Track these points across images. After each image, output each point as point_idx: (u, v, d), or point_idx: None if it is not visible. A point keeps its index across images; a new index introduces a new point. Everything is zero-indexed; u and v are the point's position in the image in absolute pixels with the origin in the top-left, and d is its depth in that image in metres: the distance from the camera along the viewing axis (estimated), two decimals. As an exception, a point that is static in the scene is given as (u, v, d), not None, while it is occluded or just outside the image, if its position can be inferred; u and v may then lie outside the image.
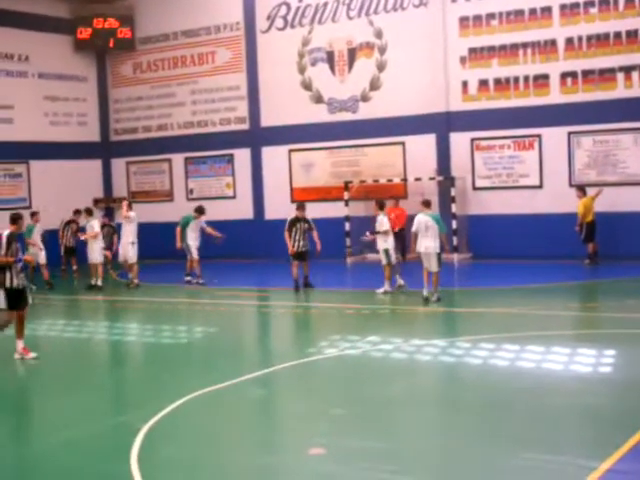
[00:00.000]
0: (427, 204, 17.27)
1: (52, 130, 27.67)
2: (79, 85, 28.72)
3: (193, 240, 20.73)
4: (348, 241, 24.20)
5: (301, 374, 11.82)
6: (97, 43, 28.58)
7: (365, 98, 25.26)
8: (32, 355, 12.93)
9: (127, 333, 15.65)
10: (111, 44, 28.63)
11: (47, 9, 27.50)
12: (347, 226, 24.28)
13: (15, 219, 13.35)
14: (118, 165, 29.47)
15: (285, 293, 18.83)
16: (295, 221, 18.93)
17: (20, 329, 12.98)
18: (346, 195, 24.51)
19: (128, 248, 20.64)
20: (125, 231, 20.95)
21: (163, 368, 12.79)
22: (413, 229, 17.00)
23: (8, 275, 12.78)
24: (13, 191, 26.59)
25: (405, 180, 24.31)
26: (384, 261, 17.93)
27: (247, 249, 20.94)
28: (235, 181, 27.22)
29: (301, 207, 19.29)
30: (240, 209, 25.45)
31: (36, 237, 21.09)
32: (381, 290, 17.76)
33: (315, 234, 18.84)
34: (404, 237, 22.29)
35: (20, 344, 12.99)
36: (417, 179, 23.92)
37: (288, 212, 23.96)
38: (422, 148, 24.18)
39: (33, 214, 21.49)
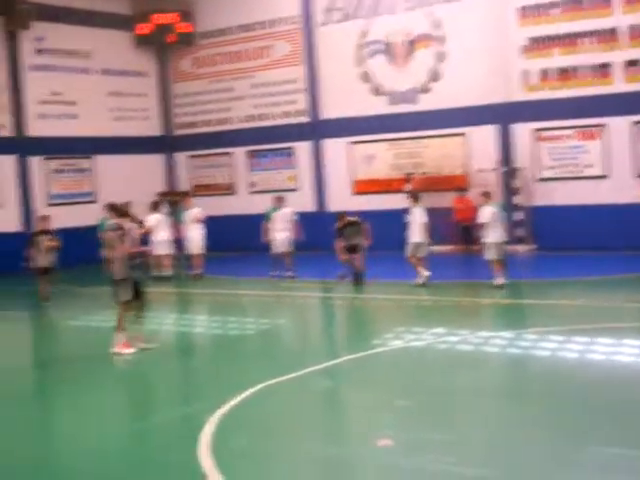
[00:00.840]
0: (489, 195, 17.73)
1: (116, 125, 28.03)
2: (141, 80, 29.06)
3: (277, 232, 20.52)
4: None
5: (367, 366, 11.84)
6: (157, 39, 28.84)
7: (425, 89, 25.14)
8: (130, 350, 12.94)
9: (194, 324, 15.83)
10: (171, 39, 28.87)
11: (108, 6, 27.84)
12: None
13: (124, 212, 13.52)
14: (181, 159, 29.76)
15: (348, 285, 18.86)
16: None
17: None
18: (407, 187, 24.43)
19: (194, 240, 20.81)
20: (191, 224, 21.19)
21: (230, 359, 12.93)
22: (485, 220, 17.22)
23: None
24: (79, 186, 27.00)
25: (467, 172, 24.17)
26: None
27: (310, 241, 21.05)
28: (297, 174, 27.33)
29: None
30: (302, 201, 25.51)
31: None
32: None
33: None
34: (469, 228, 22.25)
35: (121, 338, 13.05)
36: (479, 170, 23.77)
37: (350, 204, 24.08)
38: (483, 139, 23.98)
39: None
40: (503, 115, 23.75)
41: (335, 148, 26.51)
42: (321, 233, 23.82)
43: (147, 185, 28.07)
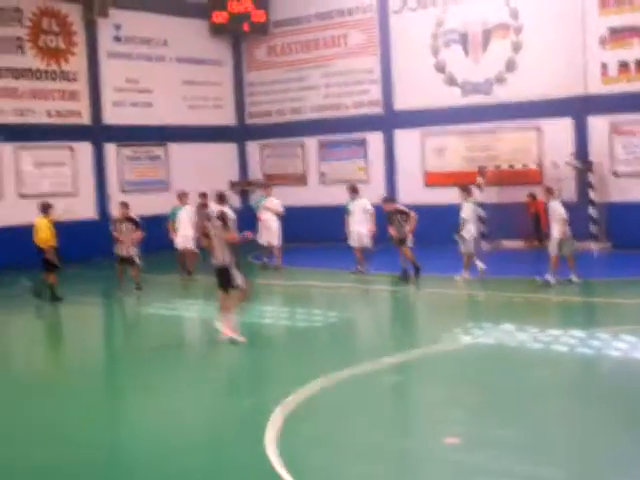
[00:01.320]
0: (552, 191, 17.66)
1: (189, 113, 28.28)
2: (215, 69, 29.25)
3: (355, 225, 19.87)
4: (483, 227, 23.85)
5: (434, 361, 11.79)
6: (232, 27, 28.99)
7: (500, 80, 24.80)
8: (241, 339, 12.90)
9: (264, 315, 15.90)
10: (246, 28, 28.98)
11: (184, -6, 28.17)
12: (481, 212, 23.93)
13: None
14: (253, 148, 29.90)
15: (416, 279, 18.73)
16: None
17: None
18: (480, 180, 24.18)
19: (272, 231, 20.77)
20: (267, 215, 21.13)
21: (298, 351, 12.98)
22: (565, 216, 16.98)
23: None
24: (153, 173, 27.36)
25: (541, 166, 23.80)
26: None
27: (381, 233, 20.86)
28: (368, 165, 27.26)
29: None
30: (373, 193, 25.37)
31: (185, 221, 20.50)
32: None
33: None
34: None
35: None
36: (554, 164, 23.32)
37: (421, 196, 23.92)
38: (559, 132, 23.56)
39: (181, 196, 21.12)
40: (579, 108, 23.29)
41: (407, 139, 26.33)
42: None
43: (219, 174, 28.32)
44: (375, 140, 27.06)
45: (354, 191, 20.25)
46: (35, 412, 9.99)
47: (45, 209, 17.40)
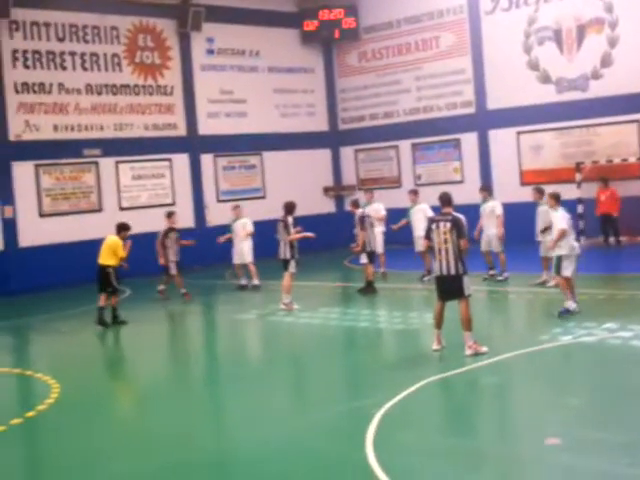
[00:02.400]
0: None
1: (283, 121, 28.56)
2: (307, 77, 29.47)
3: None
4: (581, 224, 23.43)
5: (534, 361, 11.59)
6: (323, 34, 29.19)
7: (596, 76, 24.32)
8: (483, 349, 11.81)
9: (359, 319, 15.90)
10: (336, 35, 29.14)
11: (275, 4, 28.39)
12: (580, 208, 23.50)
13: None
14: (347, 153, 29.99)
15: (514, 278, 18.47)
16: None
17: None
18: (578, 177, 23.74)
19: (377, 239, 20.19)
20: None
21: (394, 354, 12.95)
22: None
23: None
24: (248, 182, 27.67)
25: (641, 160, 23.26)
26: None
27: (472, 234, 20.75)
28: (462, 166, 27.04)
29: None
30: (468, 194, 25.12)
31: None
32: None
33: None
34: (614, 220, 21.48)
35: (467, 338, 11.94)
36: (655, 159, 22.80)
37: (517, 195, 23.59)
38: (659, 125, 23.01)
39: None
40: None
41: (502, 138, 26.05)
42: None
43: (313, 180, 28.51)
44: (469, 140, 26.84)
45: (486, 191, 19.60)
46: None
47: (120, 230, 16.77)
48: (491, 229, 18.68)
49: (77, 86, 24.07)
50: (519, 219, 18.79)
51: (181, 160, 26.10)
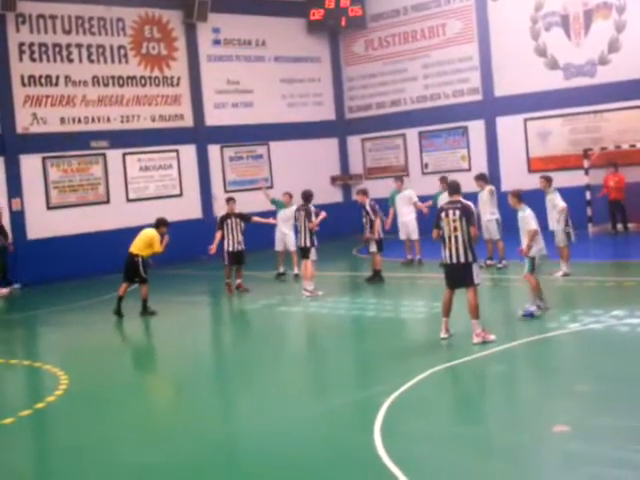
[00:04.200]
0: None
1: (289, 111, 28.53)
2: (313, 66, 29.41)
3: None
4: (589, 210, 23.37)
5: (542, 349, 11.59)
6: (330, 23, 29.11)
7: (603, 61, 24.21)
8: (491, 338, 11.76)
9: (367, 308, 15.90)
10: (343, 23, 29.06)
11: (280, -6, 28.41)
12: (588, 195, 23.44)
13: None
14: (354, 142, 29.95)
15: (521, 265, 18.41)
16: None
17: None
18: (586, 163, 23.66)
19: (410, 225, 20.29)
20: (403, 207, 20.60)
21: (404, 343, 12.95)
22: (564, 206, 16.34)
23: None
24: (256, 172, 27.64)
25: (650, 145, 23.18)
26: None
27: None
28: (470, 153, 26.97)
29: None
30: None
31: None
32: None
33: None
34: (622, 206, 21.41)
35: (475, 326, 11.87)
36: (662, 144, 22.71)
37: (525, 182, 23.49)
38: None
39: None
40: (688, 84, 22.56)
41: (509, 125, 25.96)
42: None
43: (321, 169, 28.48)
44: (477, 128, 26.76)
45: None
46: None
47: (159, 225, 16.56)
48: (487, 216, 18.64)
49: (84, 78, 24.07)
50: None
51: (188, 151, 26.10)
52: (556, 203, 16.43)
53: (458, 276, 12.02)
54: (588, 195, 23.43)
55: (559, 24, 25.02)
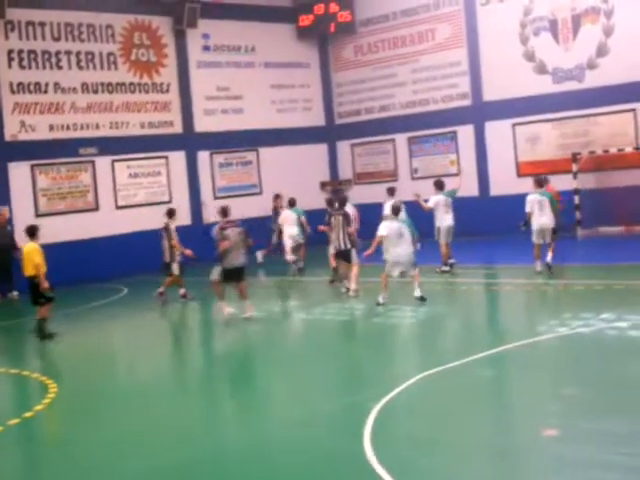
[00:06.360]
0: (539, 183, 17.90)
1: (279, 117, 28.51)
2: (303, 72, 29.43)
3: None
4: (578, 214, 23.42)
5: (532, 353, 11.59)
6: (319, 29, 29.14)
7: (592, 65, 24.28)
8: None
9: (355, 314, 15.90)
10: (332, 29, 29.09)
11: (270, 0, 28.34)
12: (576, 199, 23.49)
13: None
14: (343, 148, 29.96)
15: (511, 270, 18.49)
16: None
17: None
18: (574, 167, 23.70)
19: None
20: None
21: (393, 348, 12.95)
22: (527, 209, 17.43)
23: None
24: (245, 178, 27.65)
25: (638, 149, 23.20)
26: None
27: (472, 226, 20.73)
28: (459, 158, 27.01)
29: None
30: (465, 186, 25.10)
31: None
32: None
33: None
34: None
35: None
36: (650, 147, 22.78)
37: (514, 187, 23.58)
38: (655, 114, 22.98)
39: (292, 201, 21.65)
40: (676, 88, 22.64)
41: (498, 130, 26.01)
42: (484, 218, 23.59)
43: (310, 175, 28.47)
44: (466, 133, 26.81)
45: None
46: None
47: (33, 233, 15.41)
48: (448, 221, 18.72)
49: (73, 85, 24.03)
50: (515, 211, 18.72)
51: (178, 157, 26.06)
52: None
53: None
54: (577, 199, 23.46)
55: (547, 29, 25.09)
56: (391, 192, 19.85)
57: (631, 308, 13.56)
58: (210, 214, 25.81)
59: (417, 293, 15.54)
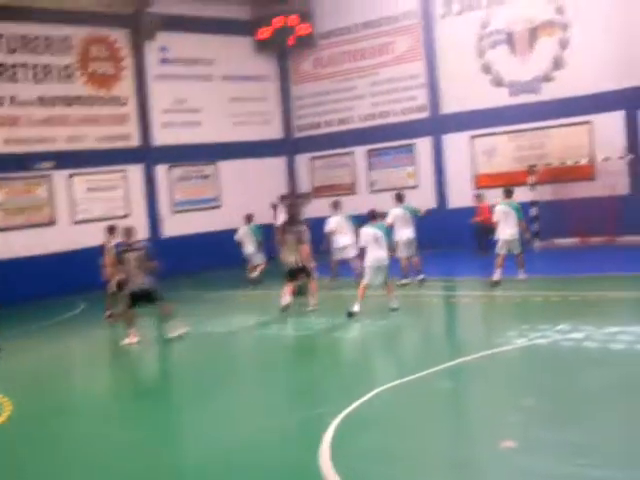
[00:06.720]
0: (508, 194, 18.11)
1: (238, 130, 28.45)
2: (261, 85, 29.41)
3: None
4: (535, 226, 23.60)
5: (490, 365, 11.62)
6: (278, 42, 29.12)
7: (548, 78, 24.54)
8: None
9: (314, 328, 15.86)
10: (291, 41, 29.10)
11: (229, 12, 28.29)
12: (534, 211, 23.69)
13: None
14: (302, 161, 29.98)
15: (470, 282, 18.59)
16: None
17: None
18: (531, 179, 23.91)
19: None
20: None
21: (351, 361, 12.93)
22: (494, 219, 17.75)
23: None
24: (203, 192, 27.56)
25: (593, 161, 23.48)
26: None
27: (430, 238, 20.80)
28: (417, 171, 27.13)
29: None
30: (423, 198, 25.22)
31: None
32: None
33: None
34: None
35: None
36: (605, 159, 23.03)
37: (471, 200, 23.73)
38: (610, 126, 23.23)
39: (249, 217, 21.91)
40: (630, 100, 22.95)
41: (456, 142, 26.21)
42: (442, 230, 23.68)
43: (269, 188, 28.39)
44: (424, 145, 26.96)
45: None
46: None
47: None
48: (407, 234, 18.71)
49: (29, 98, 23.83)
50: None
51: (135, 171, 25.92)
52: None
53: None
54: (534, 211, 23.66)
55: (504, 42, 25.32)
56: (335, 206, 19.88)
57: (586, 319, 13.67)
58: (167, 227, 25.75)
59: (393, 304, 15.59)
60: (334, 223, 19.44)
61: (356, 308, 15.44)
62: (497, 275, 17.56)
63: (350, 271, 19.37)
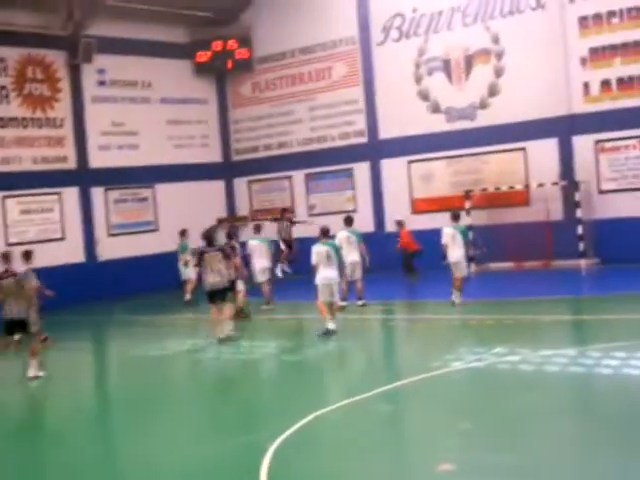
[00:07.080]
0: (455, 217, 18.40)
1: (176, 153, 28.33)
2: (200, 108, 29.35)
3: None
4: (471, 251, 23.82)
5: (427, 388, 11.68)
6: (216, 65, 29.16)
7: (483, 105, 24.93)
8: None
9: (251, 351, 15.80)
10: (230, 65, 29.15)
11: (167, 35, 28.23)
12: (470, 235, 23.89)
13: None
14: (240, 184, 29.94)
15: (408, 306, 18.68)
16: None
17: None
18: (467, 204, 24.19)
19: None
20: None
21: (289, 385, 12.88)
22: (443, 241, 17.85)
23: None
24: (140, 215, 27.32)
25: (527, 187, 23.87)
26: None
27: (371, 262, 20.91)
28: (356, 195, 27.29)
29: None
30: (361, 222, 25.31)
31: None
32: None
33: None
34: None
35: None
36: (540, 185, 23.45)
37: (409, 223, 23.90)
38: (544, 153, 23.69)
39: (183, 232, 22.24)
40: (563, 128, 23.45)
41: (394, 167, 26.44)
42: (380, 254, 23.75)
43: (207, 212, 28.25)
44: (362, 170, 27.14)
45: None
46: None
47: None
48: (352, 256, 18.61)
49: (-37, 119, 23.47)
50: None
51: (71, 194, 25.57)
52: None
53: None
54: (470, 235, 23.85)
55: (441, 69, 25.67)
56: (257, 229, 20.34)
57: (521, 342, 13.85)
58: (104, 250, 25.45)
59: (330, 325, 15.55)
60: (252, 246, 19.62)
61: (331, 325, 15.42)
62: (456, 297, 17.72)
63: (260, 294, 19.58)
